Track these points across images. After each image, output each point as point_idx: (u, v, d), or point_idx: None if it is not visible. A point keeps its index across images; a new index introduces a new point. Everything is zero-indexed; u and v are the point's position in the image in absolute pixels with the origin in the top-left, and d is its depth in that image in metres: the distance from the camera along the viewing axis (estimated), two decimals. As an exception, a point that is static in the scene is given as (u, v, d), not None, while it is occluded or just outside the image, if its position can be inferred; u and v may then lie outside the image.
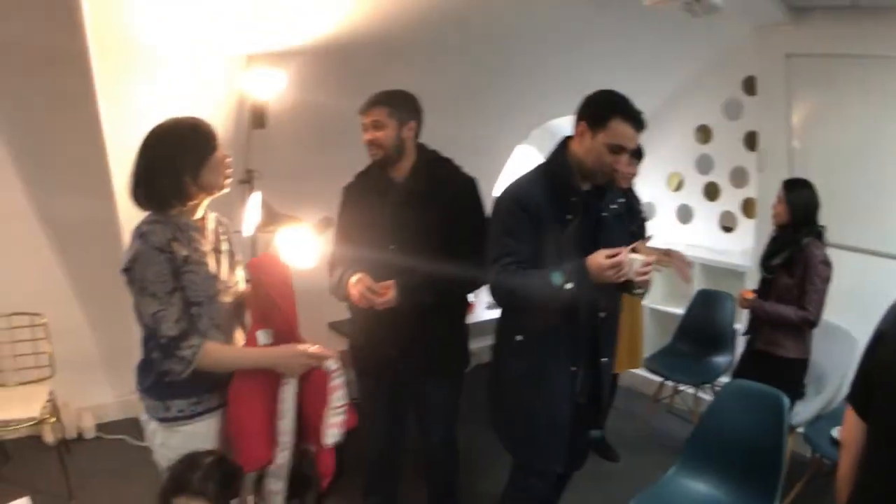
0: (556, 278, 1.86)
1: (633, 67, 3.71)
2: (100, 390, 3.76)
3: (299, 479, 1.94)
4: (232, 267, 1.86)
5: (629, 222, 2.64)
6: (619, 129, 1.91)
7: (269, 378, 1.80)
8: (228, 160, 1.74)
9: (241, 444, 1.78)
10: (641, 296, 2.25)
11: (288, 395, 1.82)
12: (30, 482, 3.16)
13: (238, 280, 1.88)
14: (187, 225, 1.72)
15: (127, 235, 1.70)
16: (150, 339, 1.68)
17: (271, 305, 1.80)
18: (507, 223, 2.00)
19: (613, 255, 1.81)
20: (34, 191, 3.32)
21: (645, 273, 1.86)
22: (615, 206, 2.12)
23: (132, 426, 3.73)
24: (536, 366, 2.05)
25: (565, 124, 4.01)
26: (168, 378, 1.68)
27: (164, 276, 1.63)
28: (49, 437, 3.52)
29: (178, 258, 1.66)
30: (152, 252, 1.62)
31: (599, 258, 1.82)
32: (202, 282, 1.70)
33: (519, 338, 2.07)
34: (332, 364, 1.83)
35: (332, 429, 1.82)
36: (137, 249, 1.63)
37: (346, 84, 2.76)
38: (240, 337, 1.90)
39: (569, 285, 1.84)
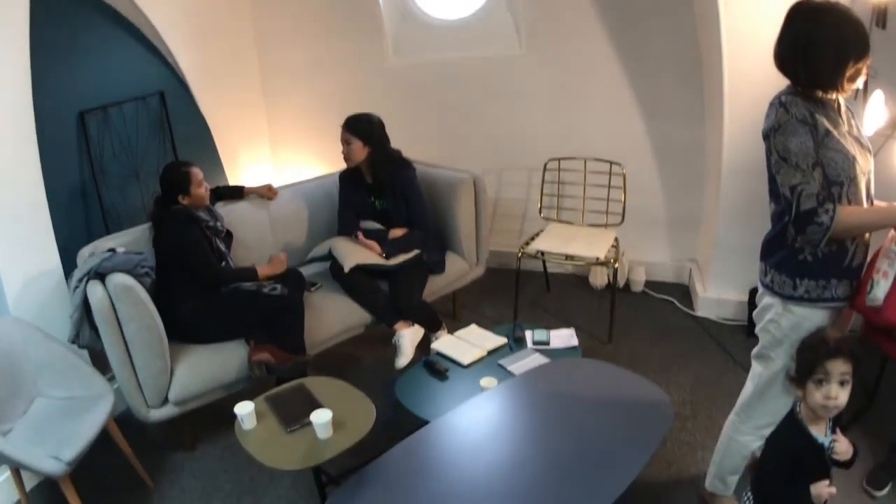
0: None
1: None
2: (657, 249, 3.81)
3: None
4: (863, 153, 1.79)
5: None
6: None
7: None
8: (865, 70, 1.68)
9: None
10: None
11: None
12: (570, 317, 3.51)
13: (870, 168, 1.80)
14: (824, 103, 1.71)
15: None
16: (785, 212, 1.72)
17: None
18: None
19: None
20: (630, 67, 3.50)
21: None
22: None
23: (680, 291, 3.69)
24: None
25: None
26: (801, 256, 1.74)
27: (808, 148, 1.65)
28: (596, 280, 3.79)
29: (821, 131, 1.66)
30: (795, 123, 1.65)
31: None
32: (842, 161, 1.67)
33: None
34: None
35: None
36: (779, 118, 1.67)
37: None
38: None
39: None
